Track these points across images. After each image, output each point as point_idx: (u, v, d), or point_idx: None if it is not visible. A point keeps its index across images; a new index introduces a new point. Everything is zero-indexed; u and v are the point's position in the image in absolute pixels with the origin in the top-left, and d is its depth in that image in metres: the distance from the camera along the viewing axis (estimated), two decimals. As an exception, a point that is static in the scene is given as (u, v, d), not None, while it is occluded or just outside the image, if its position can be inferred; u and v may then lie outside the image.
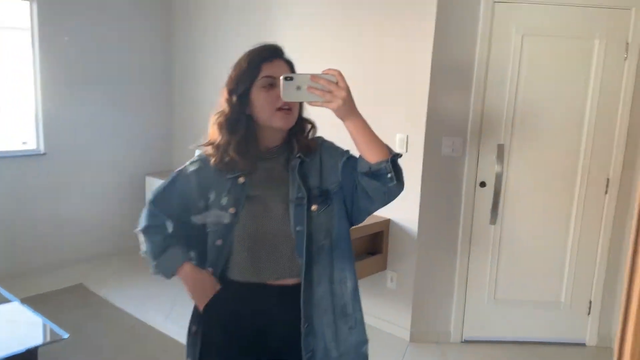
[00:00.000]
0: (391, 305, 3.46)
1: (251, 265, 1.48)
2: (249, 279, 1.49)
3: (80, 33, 4.28)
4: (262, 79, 1.43)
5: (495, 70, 3.13)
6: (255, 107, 1.45)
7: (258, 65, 1.43)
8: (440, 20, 3.07)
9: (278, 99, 1.38)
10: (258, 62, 1.44)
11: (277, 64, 1.45)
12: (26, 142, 4.26)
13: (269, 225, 1.46)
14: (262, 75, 1.43)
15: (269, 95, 1.42)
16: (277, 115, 1.43)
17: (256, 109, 1.45)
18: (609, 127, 3.17)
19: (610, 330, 3.39)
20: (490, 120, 3.17)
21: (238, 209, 1.47)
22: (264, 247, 1.47)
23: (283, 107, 1.42)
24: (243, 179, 1.48)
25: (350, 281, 1.53)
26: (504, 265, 3.34)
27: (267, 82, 1.43)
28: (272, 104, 1.42)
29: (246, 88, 1.44)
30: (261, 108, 1.44)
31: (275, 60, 1.46)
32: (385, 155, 1.35)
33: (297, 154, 1.49)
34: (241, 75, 1.44)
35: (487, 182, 3.23)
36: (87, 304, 3.77)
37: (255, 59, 1.44)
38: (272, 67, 1.44)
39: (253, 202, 1.47)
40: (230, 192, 1.48)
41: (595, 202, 3.26)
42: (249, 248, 1.47)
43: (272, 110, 1.43)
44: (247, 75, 1.43)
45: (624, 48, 3.08)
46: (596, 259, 3.32)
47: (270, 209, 1.47)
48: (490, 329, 3.43)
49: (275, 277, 1.48)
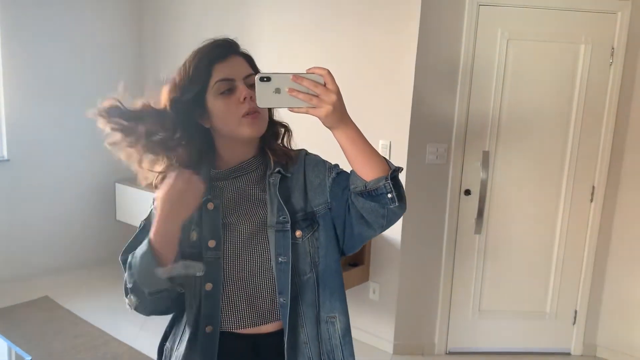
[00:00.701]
0: (374, 317, 3.35)
1: (225, 312, 1.23)
2: (225, 329, 1.23)
3: (44, 35, 4.08)
4: (217, 84, 1.17)
5: (480, 74, 3.04)
6: (215, 117, 1.19)
7: (208, 68, 1.17)
8: (424, 24, 2.97)
9: (241, 104, 1.16)
10: (207, 63, 1.18)
11: (232, 62, 1.20)
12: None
13: (243, 258, 1.22)
14: (216, 80, 1.17)
15: (229, 102, 1.17)
16: (243, 123, 1.17)
17: (217, 121, 1.20)
18: (594, 133, 3.12)
19: (595, 339, 3.34)
20: (475, 127, 3.09)
21: (218, 241, 1.21)
22: (237, 284, 1.22)
23: (249, 112, 1.17)
24: (212, 204, 1.23)
25: (341, 322, 1.28)
26: (489, 275, 3.26)
27: (223, 87, 1.17)
28: (235, 111, 1.17)
29: (196, 96, 1.18)
30: (222, 118, 1.19)
31: (230, 58, 1.20)
32: (383, 170, 1.12)
33: (276, 169, 1.24)
34: (187, 81, 1.18)
35: (472, 190, 3.14)
36: (54, 317, 3.57)
37: (204, 61, 1.18)
38: (226, 67, 1.18)
39: (229, 232, 1.23)
40: (198, 224, 1.22)
41: (580, 210, 3.20)
42: (227, 290, 1.22)
43: (237, 119, 1.17)
44: (195, 81, 1.17)
45: (610, 53, 3.03)
46: (582, 268, 3.26)
47: (243, 237, 1.22)
48: (475, 339, 3.34)
49: (254, 323, 1.23)
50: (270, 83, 1.05)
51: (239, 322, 1.23)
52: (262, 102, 1.07)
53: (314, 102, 1.04)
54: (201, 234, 1.22)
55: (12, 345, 2.18)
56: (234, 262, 1.22)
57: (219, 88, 1.18)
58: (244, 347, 1.24)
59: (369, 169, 1.12)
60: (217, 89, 1.18)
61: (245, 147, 1.25)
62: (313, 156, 1.32)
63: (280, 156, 1.26)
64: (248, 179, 1.26)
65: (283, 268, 1.20)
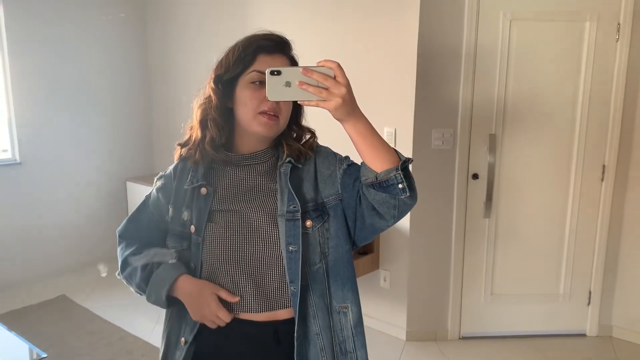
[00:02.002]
0: (386, 305, 3.35)
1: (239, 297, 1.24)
2: (237, 314, 1.25)
3: (51, 38, 4.11)
4: (253, 73, 1.19)
5: (484, 57, 3.00)
6: (238, 103, 1.22)
7: (253, 55, 1.20)
8: (425, 8, 2.94)
9: (265, 101, 1.17)
10: (254, 50, 1.20)
11: (277, 59, 1.22)
12: (7, 150, 4.09)
13: (250, 247, 1.23)
14: (254, 69, 1.20)
15: (255, 94, 1.19)
16: (258, 119, 1.20)
17: (237, 105, 1.22)
18: (603, 112, 3.07)
19: (611, 320, 3.31)
20: (481, 110, 3.06)
21: (200, 227, 1.24)
22: (248, 274, 1.23)
23: (268, 112, 1.19)
24: (205, 189, 1.26)
25: (353, 313, 1.29)
26: (500, 258, 3.24)
27: (257, 78, 1.19)
28: (256, 105, 1.19)
29: (234, 77, 1.21)
30: (243, 106, 1.21)
31: (277, 55, 1.22)
32: (393, 161, 1.13)
33: (287, 159, 1.26)
34: (233, 61, 1.20)
35: (480, 174, 3.12)
36: (70, 316, 3.62)
37: (251, 47, 1.20)
38: (269, 61, 1.20)
39: (224, 219, 1.24)
40: (189, 206, 1.27)
41: (591, 190, 3.16)
42: (229, 275, 1.23)
43: (254, 113, 1.19)
44: (238, 63, 1.20)
45: (616, 29, 2.98)
46: (594, 248, 3.23)
47: (254, 226, 1.23)
48: (488, 324, 3.33)
49: (264, 309, 1.24)
50: (281, 76, 1.06)
51: (251, 307, 1.23)
52: (272, 96, 1.08)
53: (323, 95, 1.05)
54: (191, 216, 1.26)
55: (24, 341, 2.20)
56: (240, 251, 1.23)
57: (253, 77, 1.20)
58: (264, 333, 1.25)
59: (380, 161, 1.13)
60: (251, 77, 1.20)
61: (259, 141, 1.27)
62: (324, 148, 1.33)
63: (293, 150, 1.28)
64: (258, 169, 1.28)
65: (293, 257, 1.21)
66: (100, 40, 4.41)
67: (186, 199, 1.27)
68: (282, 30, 1.30)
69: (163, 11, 4.51)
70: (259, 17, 3.72)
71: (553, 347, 3.23)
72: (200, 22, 4.19)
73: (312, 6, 3.45)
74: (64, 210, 4.32)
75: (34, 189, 4.15)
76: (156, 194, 1.36)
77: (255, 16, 3.75)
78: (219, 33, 4.00)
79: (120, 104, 4.61)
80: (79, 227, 4.40)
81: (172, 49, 4.48)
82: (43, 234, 4.21)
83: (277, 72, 1.06)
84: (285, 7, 3.60)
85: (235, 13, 3.90)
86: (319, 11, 3.42)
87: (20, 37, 3.96)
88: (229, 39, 1.28)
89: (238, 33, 1.30)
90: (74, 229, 4.38)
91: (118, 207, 4.54)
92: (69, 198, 4.34)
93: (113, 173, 4.56)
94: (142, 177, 4.50)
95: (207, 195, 1.26)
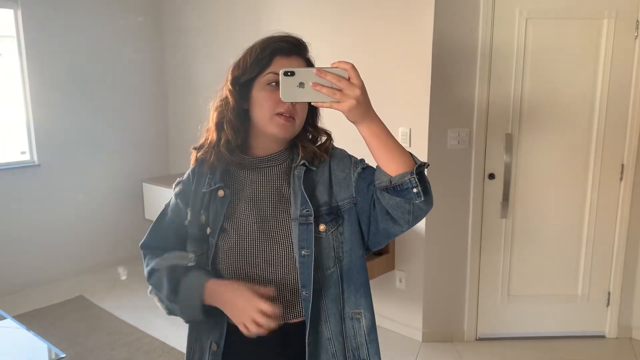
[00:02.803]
0: (401, 306, 3.34)
1: None
2: None
3: (68, 39, 4.16)
4: (269, 75, 1.18)
5: (500, 56, 2.98)
6: (254, 104, 1.21)
7: (270, 56, 1.19)
8: (440, 7, 2.92)
9: (281, 102, 1.15)
10: (271, 52, 1.19)
11: (293, 62, 1.20)
12: (25, 152, 4.15)
13: (264, 250, 1.22)
14: (271, 70, 1.18)
15: (271, 96, 1.17)
16: (274, 120, 1.18)
17: (254, 107, 1.21)
18: (621, 110, 3.03)
19: (630, 321, 3.26)
20: (497, 109, 3.03)
21: (215, 230, 1.23)
22: (260, 279, 1.21)
23: (284, 113, 1.18)
24: (223, 192, 1.25)
25: (366, 319, 1.27)
26: (517, 259, 3.21)
27: (273, 79, 1.18)
28: (272, 106, 1.17)
29: (250, 79, 1.20)
30: (259, 108, 1.19)
31: (293, 57, 1.21)
32: (408, 165, 1.11)
33: (301, 161, 1.24)
34: (250, 62, 1.20)
35: (496, 174, 3.09)
36: (88, 316, 3.66)
37: (269, 49, 1.19)
38: (286, 63, 1.18)
39: (239, 222, 1.24)
40: (207, 209, 1.25)
41: (610, 189, 3.12)
42: (244, 282, 1.21)
43: (270, 114, 1.18)
44: (255, 64, 1.19)
45: (634, 26, 2.94)
46: (613, 248, 3.18)
47: (268, 230, 1.22)
48: (505, 325, 3.30)
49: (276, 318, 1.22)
50: (295, 77, 1.05)
51: None
52: (286, 97, 1.07)
53: (337, 97, 1.04)
54: (208, 218, 1.25)
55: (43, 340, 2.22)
56: (254, 256, 1.22)
57: (269, 79, 1.19)
58: (272, 337, 1.22)
59: (394, 164, 1.11)
60: (267, 79, 1.19)
61: (275, 142, 1.26)
62: (339, 150, 1.32)
63: (308, 153, 1.26)
64: (273, 172, 1.27)
65: (306, 261, 1.19)
66: (117, 43, 4.45)
67: (204, 201, 1.26)
68: (296, 29, 1.30)
69: (178, 15, 4.54)
70: (272, 20, 3.72)
71: (571, 348, 3.19)
72: (215, 27, 4.21)
73: (325, 8, 3.46)
74: (81, 211, 4.36)
75: (52, 190, 4.20)
76: (175, 199, 1.34)
77: (268, 19, 3.76)
78: (233, 37, 4.01)
79: (137, 105, 4.65)
80: (96, 228, 4.45)
81: (189, 51, 4.50)
82: (60, 235, 4.26)
83: (291, 72, 1.05)
84: (298, 11, 3.60)
85: (249, 17, 3.91)
86: (333, 13, 3.42)
87: (38, 41, 4.01)
88: (243, 43, 1.28)
89: (251, 37, 1.29)
90: (91, 230, 4.42)
91: (135, 208, 4.58)
92: (86, 199, 4.38)
93: (129, 174, 4.60)
94: (159, 178, 4.52)
95: (225, 197, 1.25)
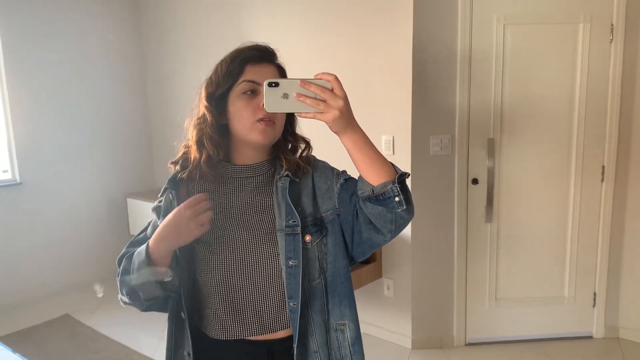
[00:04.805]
0: (390, 314, 3.34)
1: (229, 318, 1.22)
2: (228, 336, 1.23)
3: (48, 56, 4.13)
4: (243, 83, 1.19)
5: (479, 62, 3.02)
6: (231, 116, 1.21)
7: (241, 66, 1.19)
8: (418, 15, 2.96)
9: (259, 109, 1.16)
10: (241, 62, 1.19)
11: (264, 68, 1.21)
12: (7, 171, 4.10)
13: (249, 260, 1.21)
14: (244, 79, 1.19)
15: (248, 104, 1.18)
16: (255, 127, 1.18)
17: (232, 119, 1.21)
18: (600, 113, 3.08)
19: (617, 321, 3.29)
20: (478, 115, 3.06)
21: (198, 240, 1.19)
22: (244, 292, 1.21)
23: (264, 119, 1.18)
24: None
25: (351, 330, 1.27)
26: (503, 262, 3.23)
27: (248, 88, 1.19)
28: (251, 114, 1.18)
29: (225, 92, 1.20)
30: (238, 118, 1.20)
31: (264, 64, 1.22)
32: (390, 175, 1.13)
33: (285, 173, 1.24)
34: (222, 75, 1.20)
35: (480, 179, 3.12)
36: (74, 335, 3.61)
37: (238, 59, 1.20)
38: (257, 70, 1.19)
39: (222, 231, 1.22)
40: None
41: (592, 191, 3.16)
42: (222, 295, 1.21)
43: (251, 122, 1.18)
44: (228, 76, 1.20)
45: (609, 30, 2.99)
46: (597, 249, 3.22)
47: (251, 243, 1.22)
48: (494, 329, 3.32)
49: (262, 331, 1.22)
50: (279, 88, 1.06)
51: (247, 330, 1.22)
52: (270, 107, 1.07)
53: (321, 107, 1.05)
54: None
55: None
56: (238, 269, 1.22)
57: (243, 88, 1.19)
58: (258, 352, 1.24)
59: (376, 174, 1.13)
60: (241, 88, 1.19)
61: (256, 151, 1.26)
62: (321, 162, 1.32)
63: (291, 164, 1.26)
64: (256, 182, 1.26)
65: (293, 272, 1.19)
66: (98, 58, 4.44)
67: None
68: (277, 41, 1.31)
69: (159, 30, 4.54)
70: (254, 31, 3.73)
71: (560, 350, 3.21)
72: (196, 41, 4.22)
73: (307, 17, 3.48)
74: (65, 229, 4.32)
75: (35, 208, 4.15)
76: (156, 217, 1.30)
77: (250, 31, 3.76)
78: (213, 53, 4.00)
79: (119, 120, 4.62)
80: (80, 245, 4.40)
81: (170, 66, 4.50)
82: (45, 253, 4.21)
83: (275, 83, 1.06)
84: (280, 20, 3.62)
85: (231, 30, 3.91)
86: (314, 22, 3.44)
87: (18, 57, 3.98)
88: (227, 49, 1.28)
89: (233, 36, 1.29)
90: (76, 247, 4.38)
91: (119, 224, 4.54)
92: (69, 216, 4.34)
93: (113, 190, 4.57)
94: (143, 193, 4.50)
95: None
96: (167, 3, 4.44)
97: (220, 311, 1.23)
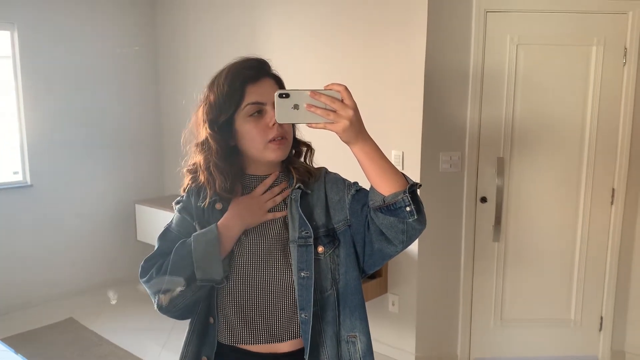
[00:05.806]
0: (394, 330, 3.32)
1: (241, 327, 1.23)
2: (237, 341, 1.24)
3: (63, 60, 4.18)
4: (248, 107, 1.18)
5: (491, 81, 3.02)
6: (241, 138, 1.21)
7: (242, 90, 1.18)
8: (432, 32, 2.97)
9: (269, 129, 1.17)
10: (240, 84, 1.18)
11: (264, 85, 1.21)
12: (17, 172, 4.14)
13: (262, 272, 1.22)
14: (248, 102, 1.18)
15: (258, 126, 1.19)
16: (269, 148, 1.19)
17: (242, 140, 1.22)
18: (611, 135, 3.07)
19: (623, 345, 3.25)
20: (489, 133, 3.06)
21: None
22: (257, 300, 1.22)
23: (276, 138, 1.19)
24: (221, 205, 1.25)
25: (362, 342, 1.27)
26: (510, 282, 3.21)
27: (253, 110, 1.19)
28: (262, 136, 1.19)
29: (229, 117, 1.20)
30: (249, 141, 1.20)
31: (262, 80, 1.21)
32: (401, 185, 1.12)
33: (297, 185, 1.26)
34: (222, 100, 1.19)
35: (488, 197, 3.11)
36: (78, 338, 3.62)
37: (238, 81, 1.19)
38: (258, 90, 1.19)
39: (238, 243, 1.23)
40: (208, 222, 1.24)
41: (601, 213, 3.14)
42: (235, 302, 1.23)
43: (263, 144, 1.19)
44: (229, 101, 1.18)
45: (622, 53, 2.99)
46: (605, 272, 3.19)
47: (264, 254, 1.23)
48: (498, 349, 3.28)
49: (270, 340, 1.23)
50: (289, 99, 1.07)
51: (254, 339, 1.23)
52: (281, 118, 1.09)
53: (331, 118, 1.06)
54: None
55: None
56: (249, 280, 1.23)
57: (249, 111, 1.19)
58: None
59: (387, 184, 1.12)
60: (247, 111, 1.19)
61: (268, 166, 1.28)
62: (333, 174, 1.33)
63: (302, 173, 1.28)
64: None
65: (305, 283, 1.20)
66: (112, 65, 4.48)
67: (205, 215, 1.26)
68: (288, 55, 1.32)
69: (173, 33, 4.59)
70: (265, 45, 3.76)
71: (565, 373, 3.18)
72: (210, 42, 4.24)
73: (318, 30, 3.50)
74: (72, 232, 4.34)
75: (44, 210, 4.18)
76: (179, 215, 1.30)
77: (262, 45, 3.79)
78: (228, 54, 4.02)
79: (131, 126, 4.65)
80: (87, 249, 4.42)
81: (182, 74, 4.53)
82: (51, 256, 4.23)
83: (286, 95, 1.07)
84: (291, 33, 3.64)
85: (243, 42, 3.94)
86: (326, 35, 3.46)
87: (33, 62, 4.03)
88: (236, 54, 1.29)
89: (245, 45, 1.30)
90: (83, 251, 4.40)
91: (127, 230, 4.56)
92: (78, 219, 4.36)
93: (122, 195, 4.59)
94: (152, 200, 4.52)
95: (223, 210, 1.25)
96: (181, 4, 4.48)
97: (232, 317, 1.24)
